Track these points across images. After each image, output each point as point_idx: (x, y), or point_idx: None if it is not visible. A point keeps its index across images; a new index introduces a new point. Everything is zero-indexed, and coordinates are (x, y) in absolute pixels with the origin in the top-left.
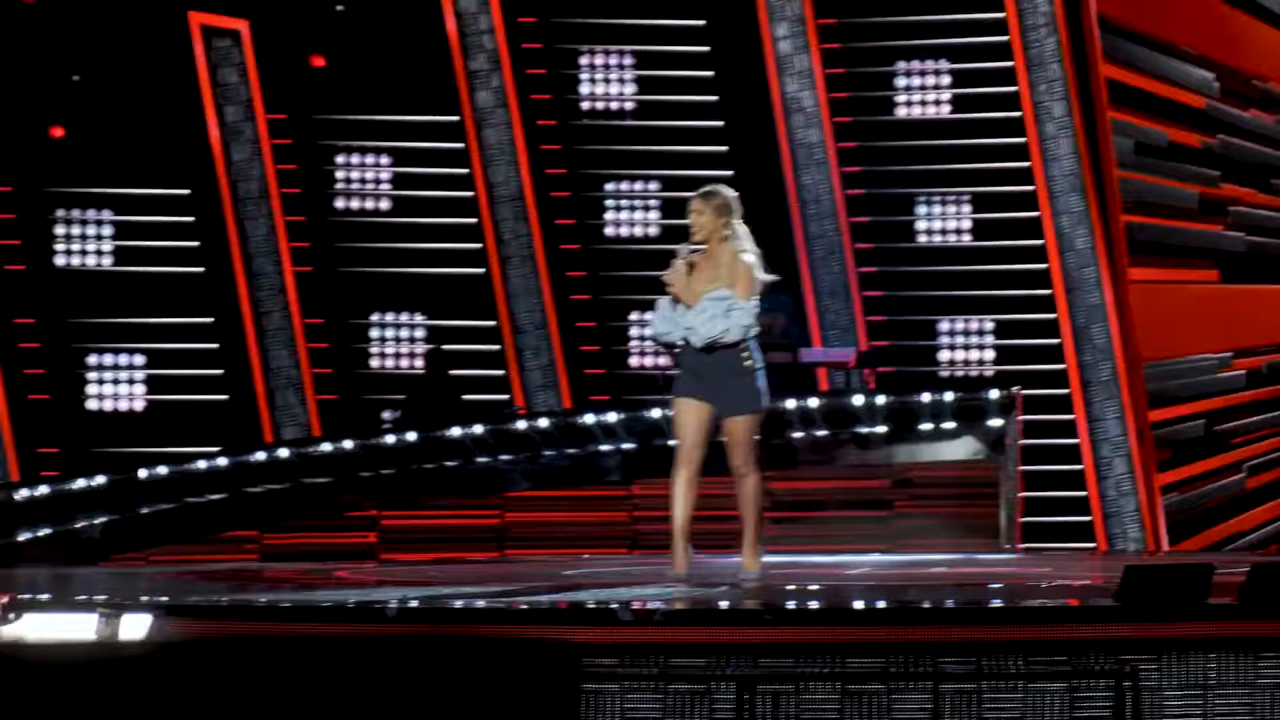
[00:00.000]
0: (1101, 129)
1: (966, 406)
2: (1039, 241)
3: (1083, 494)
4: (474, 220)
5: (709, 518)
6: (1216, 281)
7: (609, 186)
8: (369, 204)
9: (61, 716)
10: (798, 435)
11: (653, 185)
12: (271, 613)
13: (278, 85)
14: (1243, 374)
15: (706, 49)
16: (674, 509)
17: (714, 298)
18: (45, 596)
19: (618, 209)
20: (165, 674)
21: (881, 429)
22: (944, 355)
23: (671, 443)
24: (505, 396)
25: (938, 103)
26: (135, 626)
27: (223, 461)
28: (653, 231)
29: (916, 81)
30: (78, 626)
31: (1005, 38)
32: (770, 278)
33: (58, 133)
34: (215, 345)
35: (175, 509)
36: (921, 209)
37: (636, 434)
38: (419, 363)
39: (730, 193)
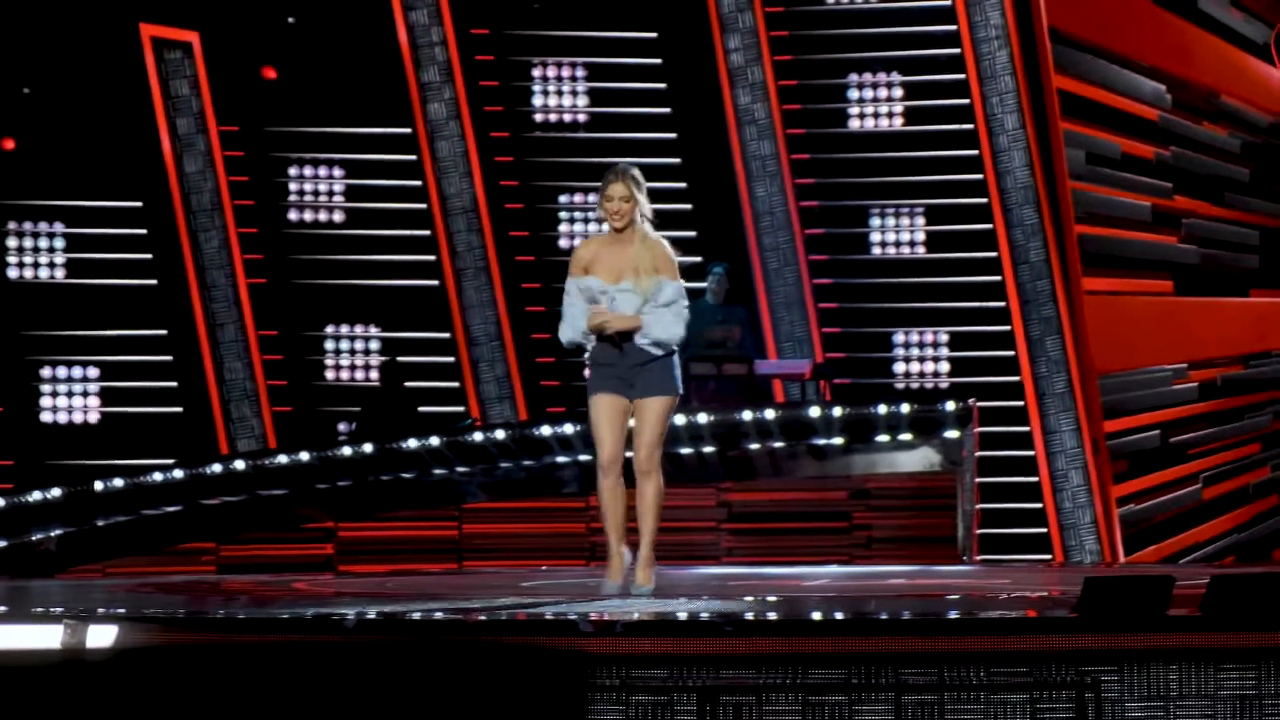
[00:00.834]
0: (1055, 141)
1: (922, 418)
2: (993, 254)
3: (1039, 506)
4: (428, 232)
5: (668, 529)
6: (1170, 294)
7: (563, 199)
8: (322, 216)
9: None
10: (754, 447)
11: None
12: (233, 625)
13: (230, 97)
14: (1196, 386)
15: (659, 61)
16: (605, 517)
17: (660, 303)
18: (2, 608)
19: (571, 221)
20: (127, 682)
21: (838, 441)
22: (899, 367)
23: (629, 454)
24: (461, 409)
25: (890, 115)
26: (95, 637)
27: (178, 474)
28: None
29: (869, 94)
30: (35, 638)
31: (957, 50)
32: (683, 258)
33: (8, 145)
34: (169, 358)
35: (131, 521)
36: (875, 221)
37: (592, 446)
38: (374, 375)
39: (638, 171)
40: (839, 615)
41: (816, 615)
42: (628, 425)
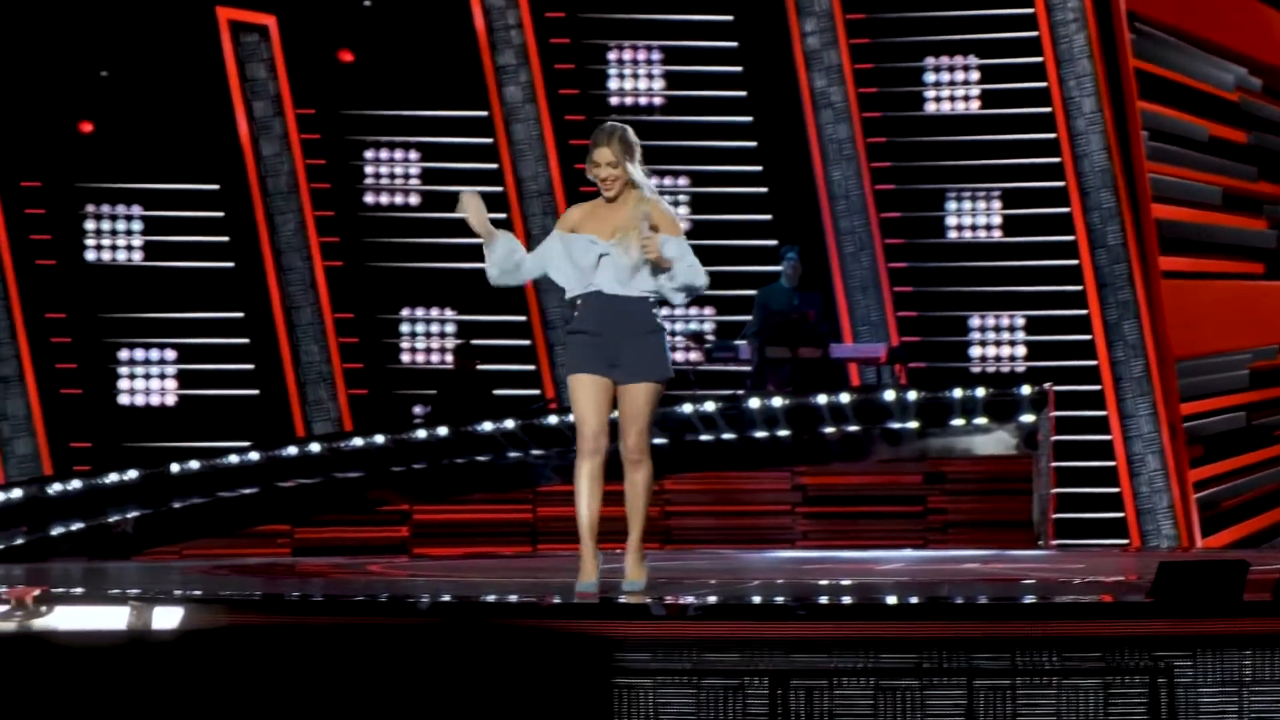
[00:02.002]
0: (1132, 124)
1: (998, 402)
2: (1070, 237)
3: (1115, 490)
4: (503, 215)
5: (733, 512)
6: (1249, 277)
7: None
8: (398, 199)
9: (91, 702)
10: (829, 431)
11: (682, 181)
12: (293, 606)
13: (306, 80)
14: (1275, 370)
15: (735, 44)
16: (579, 507)
17: (671, 254)
18: (78, 590)
19: None
20: (195, 662)
21: (913, 424)
22: (975, 351)
23: (704, 438)
24: (536, 391)
25: (967, 98)
26: (161, 619)
27: (254, 456)
28: (682, 226)
29: (945, 77)
30: (104, 619)
31: (1035, 33)
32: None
33: (87, 128)
34: (246, 340)
35: (207, 503)
36: (951, 204)
37: (668, 429)
38: (449, 358)
39: (632, 133)
40: (912, 599)
41: (890, 599)
42: (611, 406)
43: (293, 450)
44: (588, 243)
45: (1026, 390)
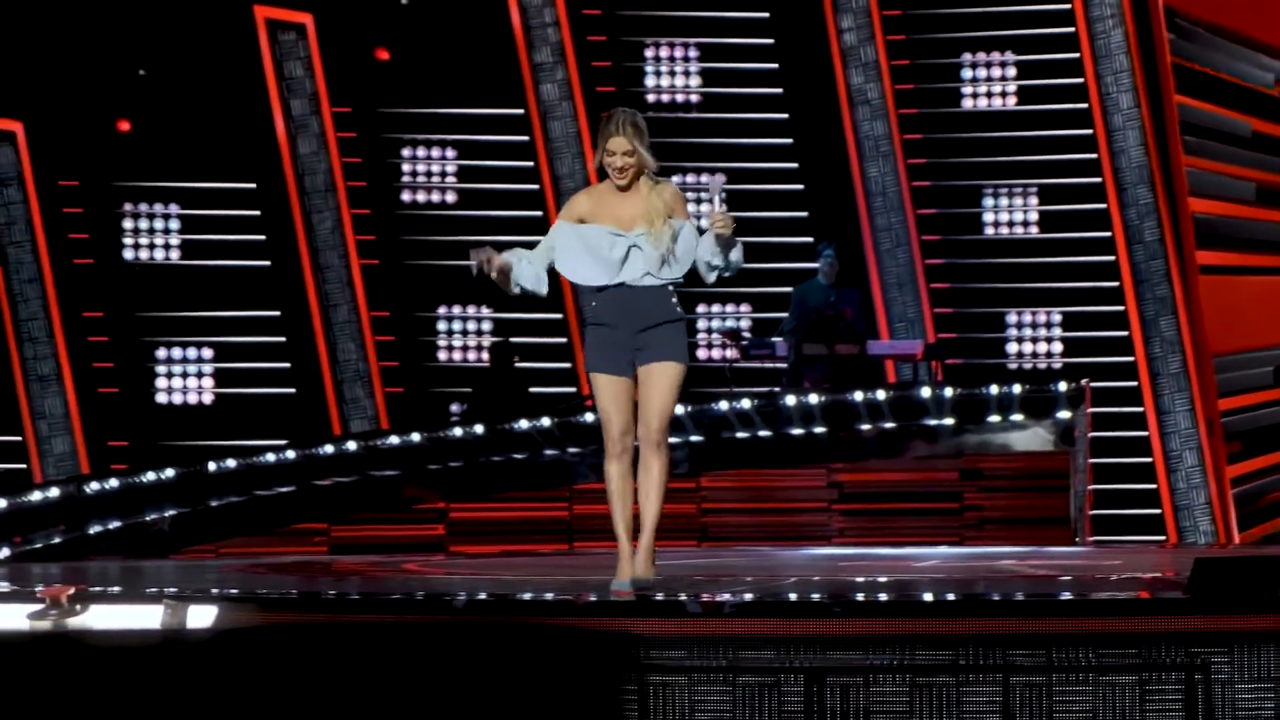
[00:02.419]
0: (1169, 120)
1: (1035, 399)
2: (1107, 233)
3: (1153, 486)
4: (539, 213)
5: (769, 509)
6: None
7: (674, 179)
8: (435, 197)
9: (128, 700)
10: (866, 428)
11: (719, 178)
12: (328, 605)
13: (343, 79)
14: None
15: (771, 41)
16: (613, 508)
17: (682, 248)
18: (114, 589)
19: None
20: (229, 660)
21: (949, 421)
22: (1012, 348)
23: (740, 435)
24: (572, 389)
25: (1004, 94)
26: (195, 618)
27: (291, 454)
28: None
29: (982, 73)
30: (139, 618)
31: (1072, 29)
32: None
33: (124, 127)
34: (282, 339)
35: (244, 502)
36: (988, 201)
37: (704, 426)
38: (486, 356)
39: (641, 117)
40: (948, 596)
41: (926, 596)
42: (634, 402)
43: (329, 448)
44: (610, 235)
45: (1063, 386)
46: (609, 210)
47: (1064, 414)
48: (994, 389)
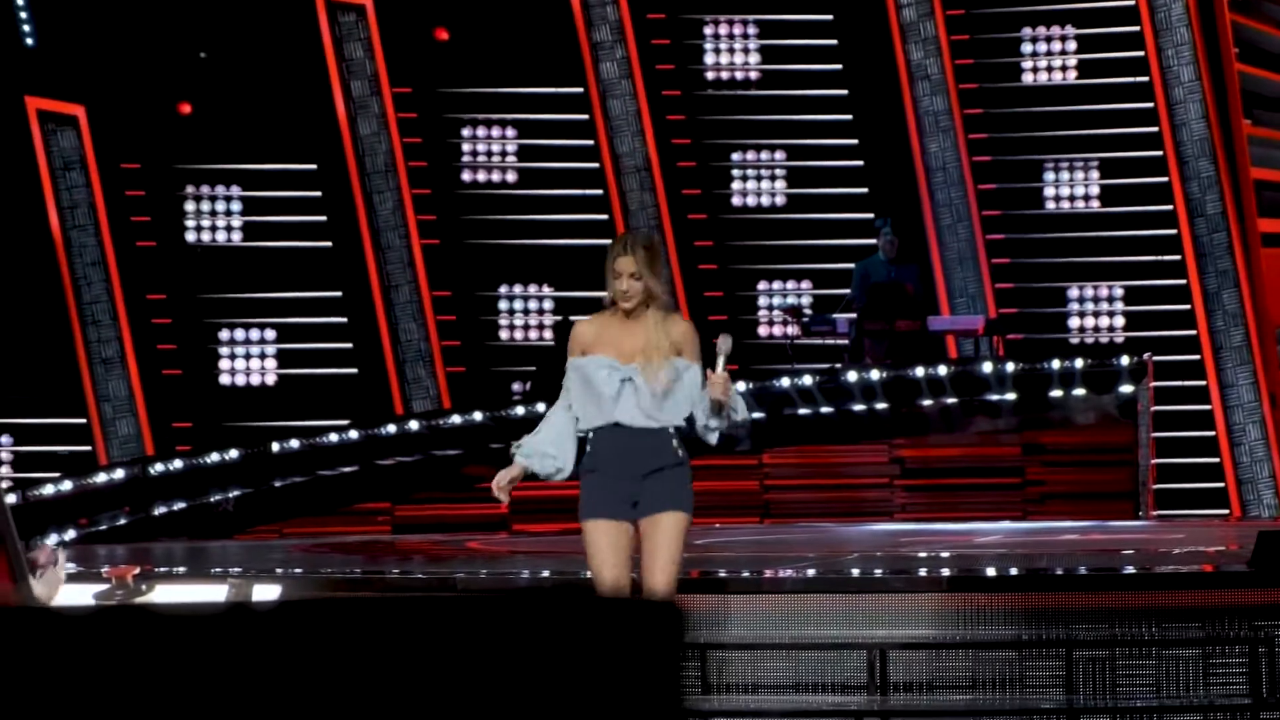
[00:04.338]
0: (1231, 91)
1: (1097, 373)
2: (1169, 207)
3: (1216, 460)
4: (600, 191)
5: (831, 486)
6: None
7: (735, 156)
8: (495, 176)
9: (191, 672)
10: (927, 403)
11: (779, 155)
12: (391, 586)
13: (403, 59)
14: None
15: (830, 17)
16: None
17: (683, 393)
18: (179, 569)
19: (744, 178)
20: (290, 633)
21: (1011, 396)
22: (1074, 322)
23: (802, 412)
24: None
25: (1064, 68)
26: (260, 595)
27: (354, 434)
28: (779, 201)
29: (1043, 47)
30: (210, 597)
31: (1132, 2)
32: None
33: (186, 109)
34: (344, 319)
35: (308, 482)
36: (1049, 175)
37: (766, 403)
38: (547, 334)
39: (659, 243)
40: (1011, 571)
41: (989, 571)
42: (631, 551)
43: (392, 428)
44: (607, 368)
45: (1125, 361)
46: (611, 340)
47: (1126, 388)
48: (1056, 364)
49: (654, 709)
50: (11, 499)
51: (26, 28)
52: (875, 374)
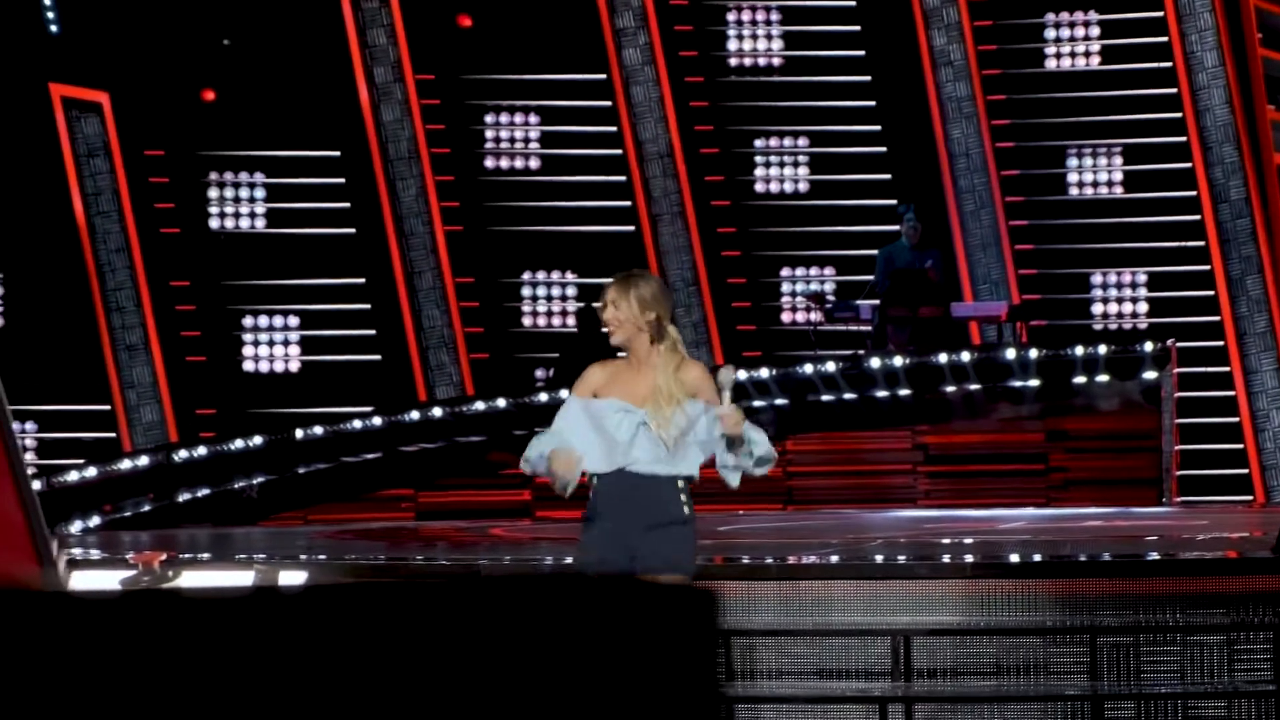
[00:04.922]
0: (1255, 77)
1: (1121, 359)
2: (1192, 192)
3: (1240, 446)
4: (623, 178)
5: (854, 472)
6: None
7: (758, 143)
8: (518, 163)
9: (217, 654)
10: (950, 390)
11: (802, 141)
12: (428, 570)
13: (426, 46)
14: None
15: (853, 3)
16: None
17: (696, 439)
18: (204, 555)
19: (767, 165)
20: (317, 616)
21: (1034, 382)
22: (1097, 308)
23: (825, 398)
24: None
25: (1087, 54)
26: (285, 582)
27: (377, 421)
28: (802, 187)
29: (1066, 33)
30: (235, 582)
31: None
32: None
33: (209, 96)
34: (368, 306)
35: (331, 468)
36: (1072, 161)
37: (789, 390)
38: (571, 321)
39: (656, 281)
40: (1034, 558)
41: (1012, 558)
42: None
43: (415, 415)
44: (621, 411)
45: (1149, 347)
46: (622, 385)
47: (1150, 374)
48: (1079, 350)
49: (689, 693)
50: (37, 485)
51: (51, 15)
52: (898, 360)
